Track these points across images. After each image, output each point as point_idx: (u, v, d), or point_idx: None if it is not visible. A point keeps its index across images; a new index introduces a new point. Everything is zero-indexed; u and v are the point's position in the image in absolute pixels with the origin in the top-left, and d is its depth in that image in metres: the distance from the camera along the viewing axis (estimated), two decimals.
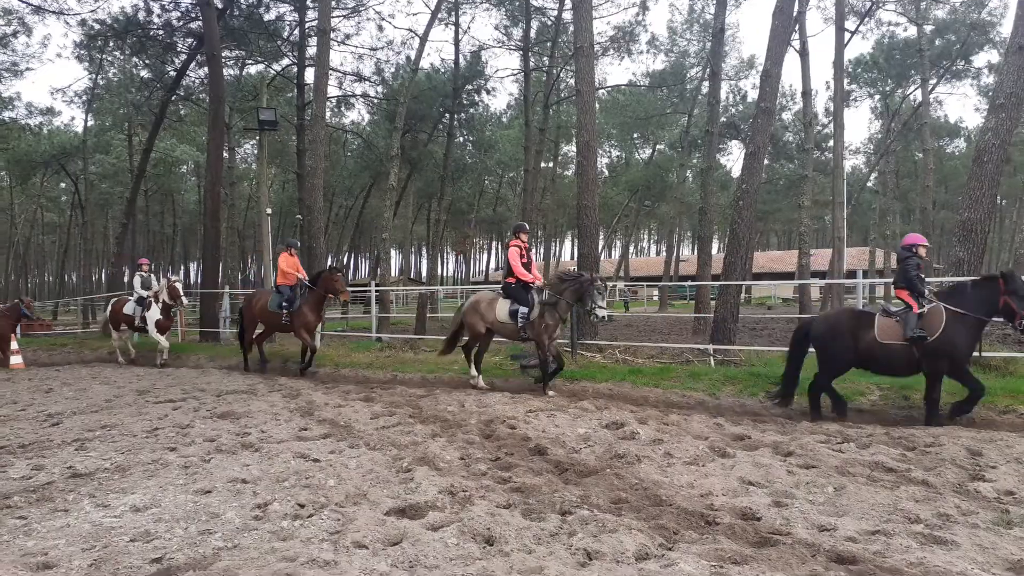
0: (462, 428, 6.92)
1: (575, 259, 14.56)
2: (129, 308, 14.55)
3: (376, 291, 16.94)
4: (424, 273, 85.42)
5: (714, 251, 32.95)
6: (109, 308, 15.38)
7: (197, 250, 61.84)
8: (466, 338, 10.38)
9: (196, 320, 19.05)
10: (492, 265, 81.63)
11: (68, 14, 24.61)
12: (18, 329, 15.75)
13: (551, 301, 9.22)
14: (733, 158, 56.07)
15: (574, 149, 61.81)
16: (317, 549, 3.65)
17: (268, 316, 12.20)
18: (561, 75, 32.01)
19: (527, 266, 9.60)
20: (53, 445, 6.54)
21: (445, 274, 77.74)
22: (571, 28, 31.40)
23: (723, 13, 19.12)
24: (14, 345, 14.73)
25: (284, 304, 11.90)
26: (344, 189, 50.28)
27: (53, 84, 58.48)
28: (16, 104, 40.19)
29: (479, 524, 4.00)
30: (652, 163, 45.45)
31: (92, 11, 26.10)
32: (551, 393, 8.93)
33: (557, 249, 76.71)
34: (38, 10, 25.40)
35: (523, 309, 9.26)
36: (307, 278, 12.23)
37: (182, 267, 64.73)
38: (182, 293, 14.45)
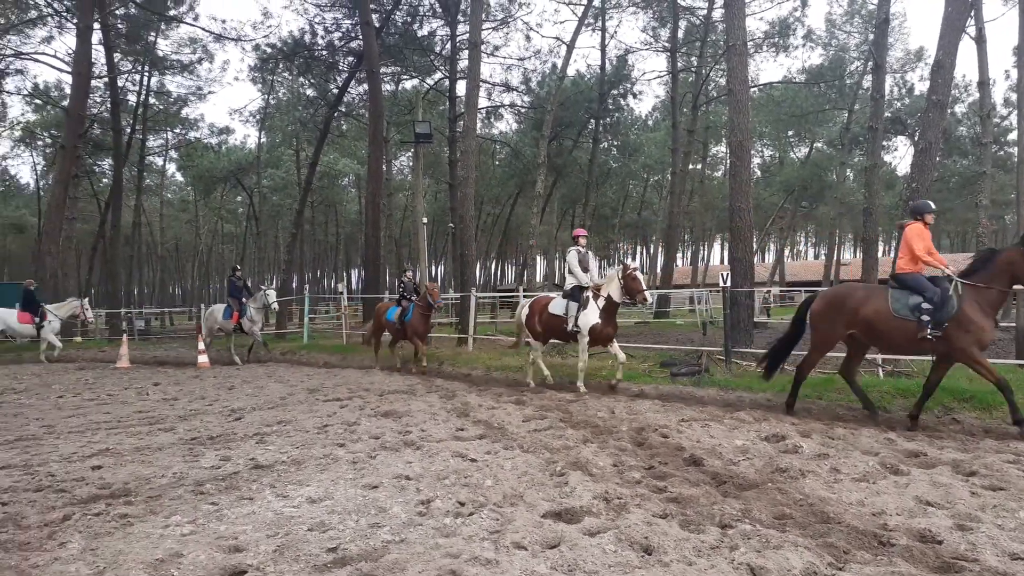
0: (613, 435, 6.89)
1: (726, 263, 14.14)
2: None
3: (524, 296, 17.19)
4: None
5: (879, 254, 30.85)
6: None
7: (358, 257, 65.53)
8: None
9: (360, 323, 20.17)
10: None
11: (244, 40, 26.94)
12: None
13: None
14: (899, 155, 52.34)
15: (724, 150, 60.13)
16: (479, 547, 3.77)
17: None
18: (711, 75, 31.22)
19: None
20: (237, 438, 7.15)
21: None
22: (721, 27, 30.69)
23: (887, 2, 17.85)
24: (201, 345, 16.24)
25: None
26: (492, 197, 51.51)
27: (231, 105, 64.13)
28: (200, 124, 44.48)
29: (636, 532, 3.97)
30: (809, 162, 43.26)
31: (265, 36, 28.44)
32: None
33: (705, 253, 74.47)
34: (219, 38, 27.98)
35: None
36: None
37: (344, 274, 68.68)
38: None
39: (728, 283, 10.62)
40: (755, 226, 13.37)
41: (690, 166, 35.82)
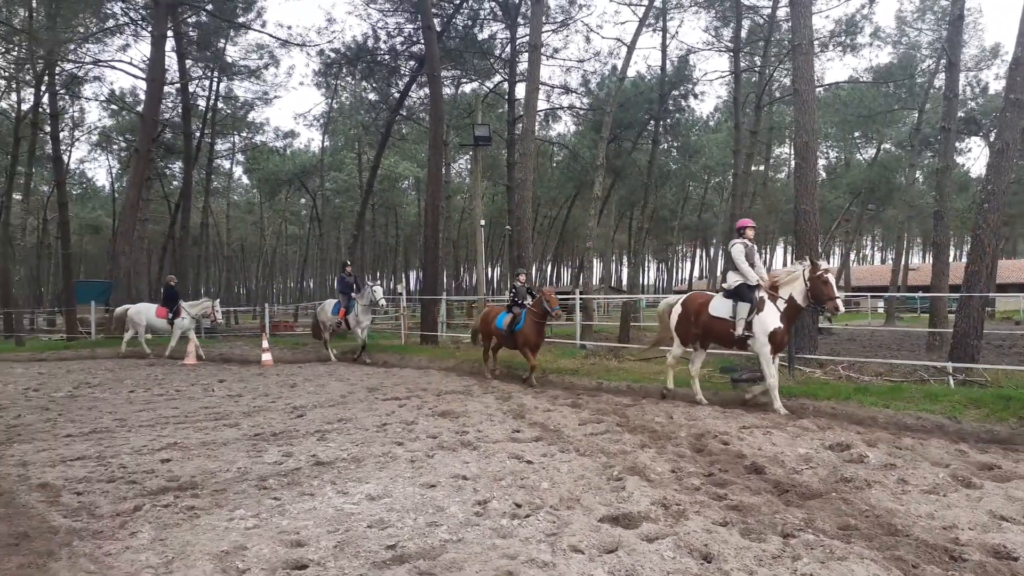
0: (671, 440, 6.80)
1: (789, 267, 13.70)
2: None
3: (580, 299, 17.15)
4: (624, 281, 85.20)
5: (950, 258, 29.73)
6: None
7: (416, 259, 66.34)
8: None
9: (417, 324, 20.42)
10: (696, 273, 79.48)
11: (309, 45, 27.55)
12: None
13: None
14: (972, 156, 50.28)
15: (787, 151, 58.83)
16: (535, 549, 3.76)
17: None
18: (774, 75, 30.59)
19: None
20: (299, 435, 7.31)
21: (646, 282, 76.83)
22: (785, 26, 30.05)
23: None
24: (264, 343, 16.65)
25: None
26: (549, 200, 51.52)
27: (295, 109, 65.96)
28: (266, 128, 45.78)
29: (695, 540, 3.91)
30: (876, 163, 41.90)
31: (328, 41, 29.07)
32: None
33: (768, 257, 72.93)
34: (284, 44, 28.70)
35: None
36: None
37: (403, 275, 69.60)
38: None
39: None
40: (820, 229, 12.99)
41: (752, 168, 35.16)
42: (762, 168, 42.90)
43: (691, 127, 41.39)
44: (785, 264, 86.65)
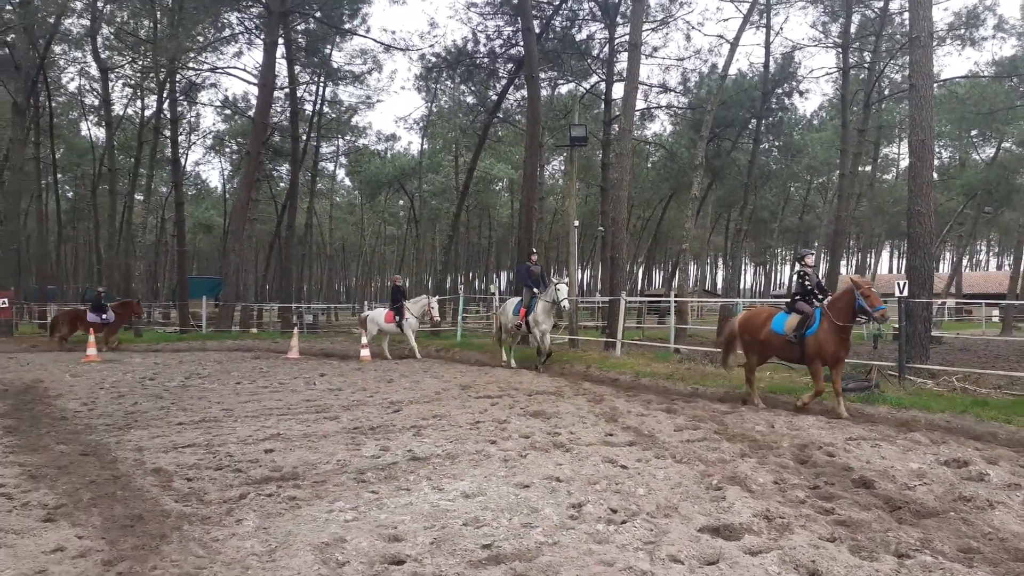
0: (773, 450, 6.53)
1: (895, 271, 13.00)
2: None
3: (675, 302, 16.80)
4: (719, 285, 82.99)
5: None
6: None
7: (508, 260, 66.78)
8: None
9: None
10: (795, 278, 76.53)
11: (412, 49, 28.22)
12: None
13: None
14: None
15: (896, 151, 55.95)
16: (633, 557, 3.67)
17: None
18: (885, 71, 29.11)
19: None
20: (395, 429, 7.44)
21: (743, 286, 74.66)
22: (897, 19, 28.57)
23: None
24: (364, 339, 17.11)
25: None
26: (643, 201, 50.75)
27: (396, 113, 67.84)
28: (368, 132, 47.15)
29: (802, 555, 3.73)
30: (995, 163, 39.25)
31: (430, 46, 29.62)
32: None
33: (873, 261, 69.53)
34: (388, 48, 29.49)
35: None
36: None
37: (495, 276, 70.25)
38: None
39: (904, 292, 9.77)
40: (935, 232, 12.24)
41: (859, 168, 33.56)
42: (869, 168, 40.88)
43: (794, 126, 39.89)
44: (890, 270, 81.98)
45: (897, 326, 10.89)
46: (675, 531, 4.12)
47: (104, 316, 18.68)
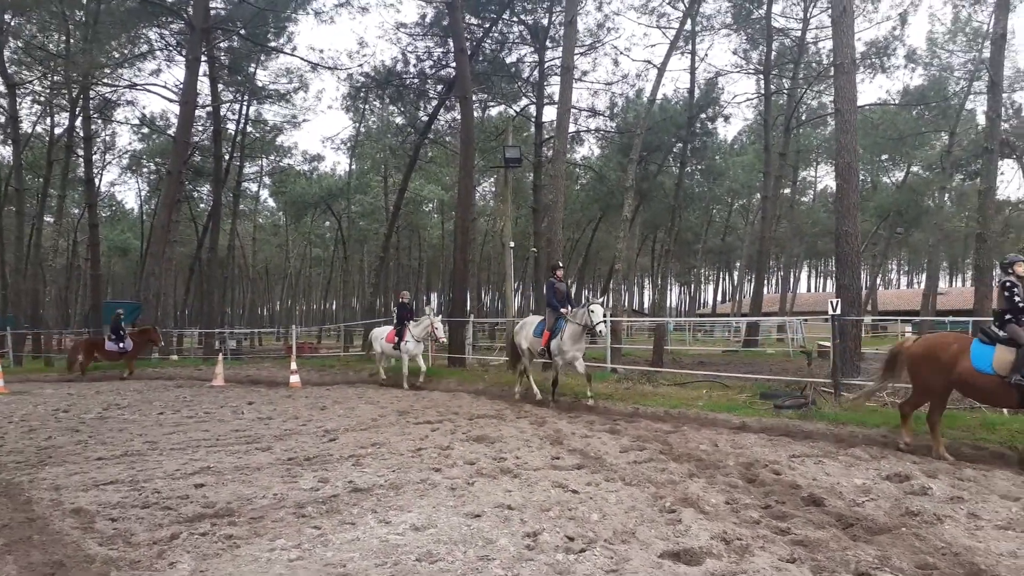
0: (720, 470, 6.52)
1: (817, 291, 13.35)
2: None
3: (609, 322, 16.86)
4: (646, 305, 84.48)
5: (993, 282, 29.09)
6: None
7: (439, 281, 66.38)
8: None
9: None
10: (718, 297, 78.73)
11: (340, 68, 27.84)
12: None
13: None
14: (1006, 179, 49.56)
15: (813, 174, 58.40)
16: None
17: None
18: (803, 97, 30.38)
19: None
20: (333, 459, 7.12)
21: (669, 305, 76.20)
22: (812, 48, 29.95)
23: (1004, 17, 16.85)
24: (293, 365, 16.57)
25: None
26: (572, 222, 51.33)
27: (323, 133, 66.82)
28: (293, 152, 46.26)
29: None
30: (905, 187, 41.40)
31: (359, 65, 29.31)
32: None
33: (793, 282, 72.11)
34: (315, 67, 29.02)
35: None
36: None
37: (425, 297, 69.73)
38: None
39: (838, 311, 10.04)
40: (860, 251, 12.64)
41: (780, 190, 34.88)
42: (788, 191, 42.52)
43: (717, 150, 41.19)
44: (809, 290, 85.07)
45: (828, 344, 11.15)
46: (636, 558, 4.00)
47: (122, 345, 17.50)
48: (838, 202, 12.43)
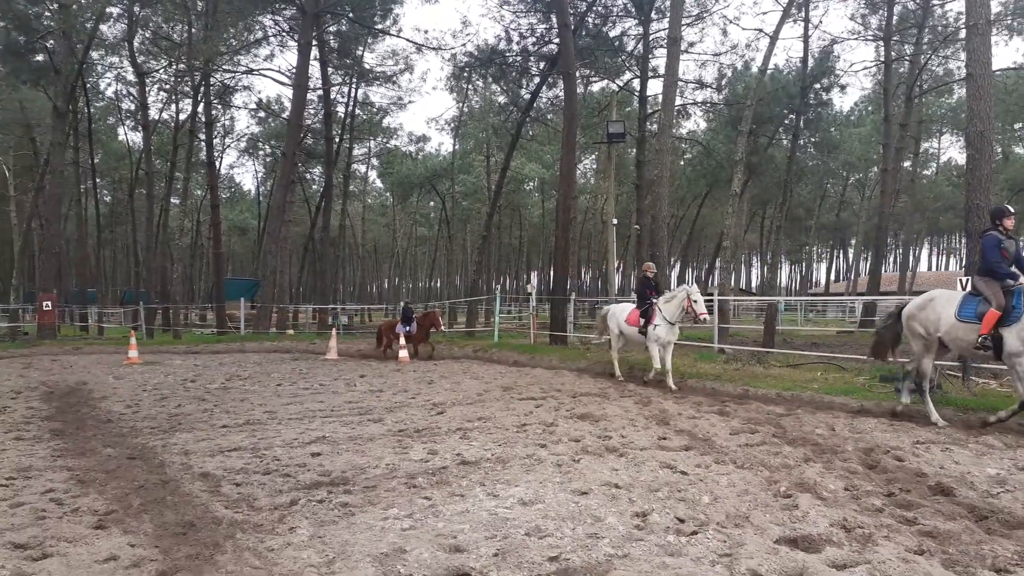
0: (838, 455, 6.23)
1: (939, 269, 12.43)
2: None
3: (717, 300, 16.41)
4: (754, 284, 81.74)
5: None
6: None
7: (539, 260, 66.58)
8: None
9: (544, 324, 20.32)
10: (832, 276, 75.23)
11: (444, 49, 28.12)
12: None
13: None
14: None
15: (935, 146, 54.58)
16: (711, 571, 3.45)
17: None
18: (927, 64, 28.37)
19: None
20: (441, 432, 7.28)
21: (779, 284, 73.49)
22: (939, 11, 27.84)
23: None
24: (402, 340, 17.02)
25: None
26: (677, 199, 50.29)
27: (428, 114, 68.02)
28: (399, 133, 47.31)
29: (892, 570, 3.48)
30: None
31: (463, 45, 29.51)
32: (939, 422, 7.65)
33: (913, 260, 68.01)
34: (420, 48, 29.46)
35: None
36: None
37: (527, 276, 70.12)
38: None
39: (968, 289, 9.34)
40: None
41: (901, 163, 32.83)
42: (908, 164, 39.98)
43: (832, 121, 39.15)
44: (931, 268, 79.91)
45: None
46: (750, 542, 3.88)
47: (408, 328, 18.38)
48: (969, 174, 11.53)
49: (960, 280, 9.42)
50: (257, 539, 3.98)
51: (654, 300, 11.40)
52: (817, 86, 30.52)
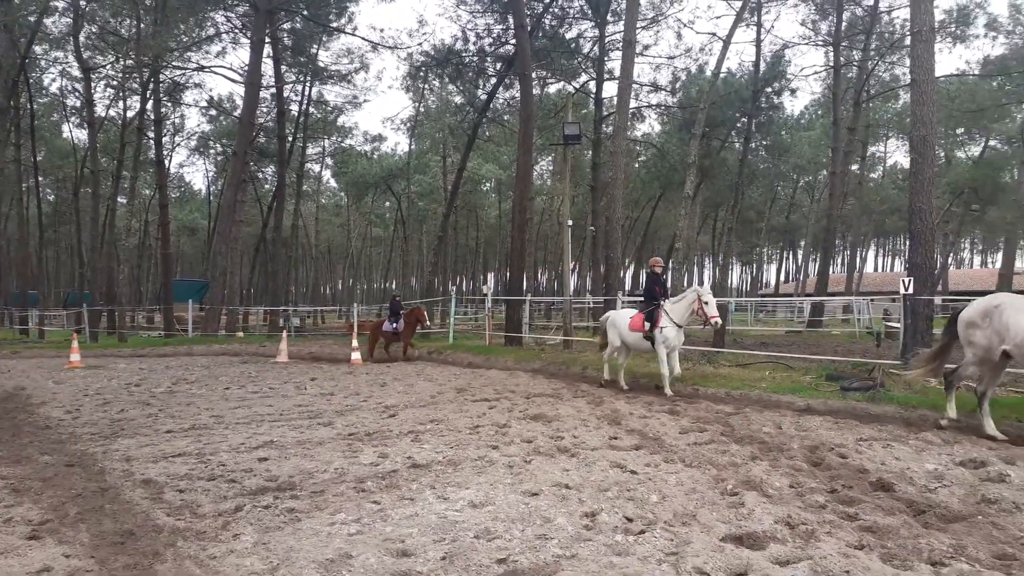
0: (784, 452, 6.35)
1: (884, 270, 12.81)
2: None
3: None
4: (707, 284, 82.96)
5: None
6: None
7: (495, 261, 66.58)
8: None
9: (499, 325, 20.30)
10: (781, 277, 76.92)
11: (400, 47, 27.95)
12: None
13: None
14: None
15: (881, 149, 56.19)
16: (657, 570, 3.47)
17: None
18: (875, 69, 29.20)
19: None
20: (392, 435, 7.21)
21: (731, 285, 74.79)
22: (886, 17, 28.65)
23: None
24: (354, 343, 16.84)
25: None
26: (631, 200, 50.78)
27: (383, 114, 67.59)
28: (354, 133, 46.85)
29: (834, 565, 3.53)
30: (982, 161, 39.51)
31: (419, 44, 29.38)
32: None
33: (859, 260, 69.82)
34: (375, 47, 29.23)
35: None
36: None
37: (483, 276, 70.02)
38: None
39: (910, 290, 9.64)
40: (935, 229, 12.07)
41: (849, 166, 33.71)
42: (856, 167, 41.05)
43: (783, 125, 40.02)
44: (876, 269, 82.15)
45: (898, 324, 10.75)
46: (697, 541, 3.91)
47: (395, 326, 17.66)
48: (912, 177, 11.89)
49: (903, 280, 9.69)
50: (199, 547, 3.88)
51: (660, 302, 10.64)
52: (769, 90, 31.19)
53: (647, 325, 10.52)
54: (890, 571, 3.52)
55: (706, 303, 10.01)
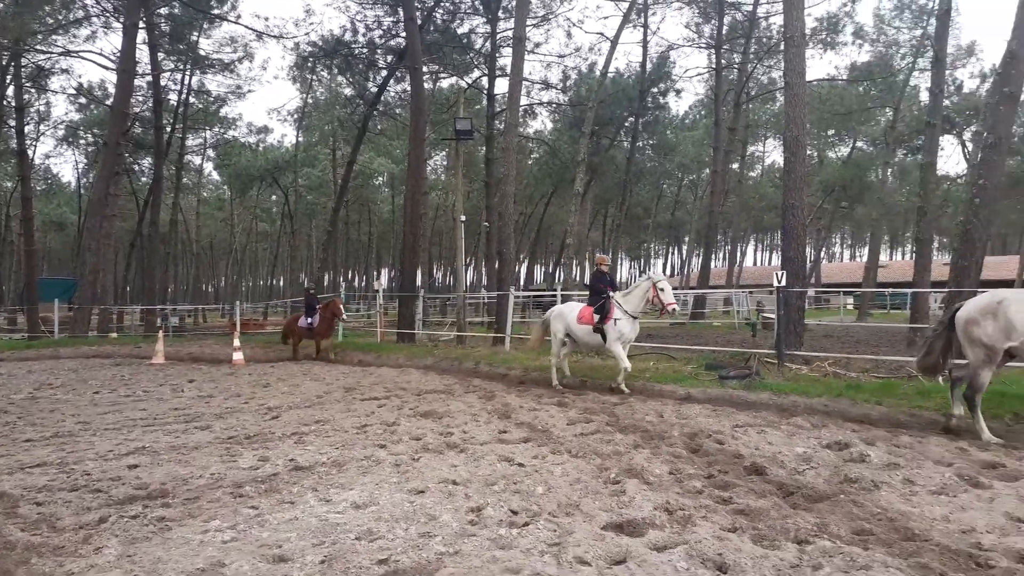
0: (665, 440, 6.56)
1: (762, 264, 13.56)
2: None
3: (561, 296, 16.88)
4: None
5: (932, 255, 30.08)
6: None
7: (389, 257, 65.72)
8: None
9: (392, 322, 20.04)
10: (667, 271, 79.86)
11: (286, 37, 27.03)
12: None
13: None
14: (945, 154, 51.11)
15: (762, 149, 59.30)
16: (540, 562, 3.48)
17: None
18: (754, 72, 30.70)
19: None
20: (274, 437, 6.95)
21: (620, 279, 76.99)
22: (764, 23, 30.20)
23: None
24: (236, 342, 16.19)
25: None
26: (525, 196, 51.30)
27: (269, 104, 65.12)
28: (238, 124, 44.99)
29: (708, 548, 3.66)
30: (850, 161, 42.33)
31: (306, 34, 28.49)
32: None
33: (740, 256, 73.41)
34: (260, 36, 28.16)
35: None
36: None
37: (376, 272, 68.98)
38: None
39: (783, 283, 10.18)
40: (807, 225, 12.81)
41: (729, 165, 35.35)
42: (736, 166, 43.11)
43: (668, 124, 41.46)
44: (755, 263, 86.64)
45: (772, 315, 11.33)
46: (579, 530, 3.97)
47: (310, 321, 16.06)
48: (785, 175, 12.57)
49: (776, 274, 10.20)
50: (56, 563, 3.59)
51: (610, 294, 10.26)
52: (655, 90, 32.22)
53: (597, 318, 10.08)
54: (759, 552, 3.67)
55: (662, 290, 9.62)
